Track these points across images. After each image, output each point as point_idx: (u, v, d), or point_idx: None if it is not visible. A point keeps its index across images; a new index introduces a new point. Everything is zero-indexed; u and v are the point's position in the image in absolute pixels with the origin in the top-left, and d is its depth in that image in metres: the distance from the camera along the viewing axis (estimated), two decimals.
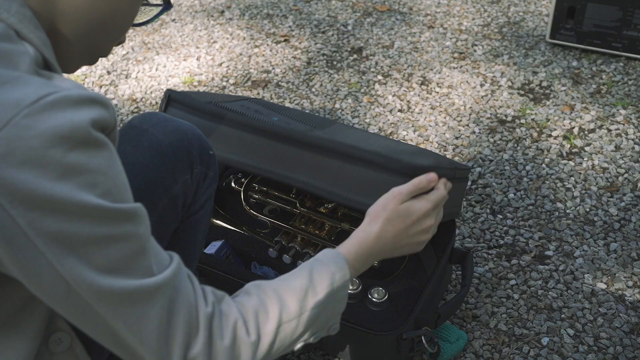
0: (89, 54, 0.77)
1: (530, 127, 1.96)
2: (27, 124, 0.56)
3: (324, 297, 0.80)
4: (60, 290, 0.62)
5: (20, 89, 0.58)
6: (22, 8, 0.65)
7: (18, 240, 0.59)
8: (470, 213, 1.66)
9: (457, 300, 1.26)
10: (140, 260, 0.66)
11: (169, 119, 1.00)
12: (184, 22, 2.75)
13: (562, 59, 2.29)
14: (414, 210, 0.91)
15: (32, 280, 0.62)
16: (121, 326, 0.66)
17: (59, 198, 0.58)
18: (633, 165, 1.78)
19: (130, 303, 0.65)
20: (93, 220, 0.61)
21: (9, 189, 0.56)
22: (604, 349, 1.31)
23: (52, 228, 0.59)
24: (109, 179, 0.62)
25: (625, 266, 1.49)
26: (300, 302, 0.78)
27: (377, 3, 2.78)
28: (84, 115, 0.59)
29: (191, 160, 0.99)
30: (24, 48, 0.63)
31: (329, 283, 0.81)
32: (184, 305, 0.70)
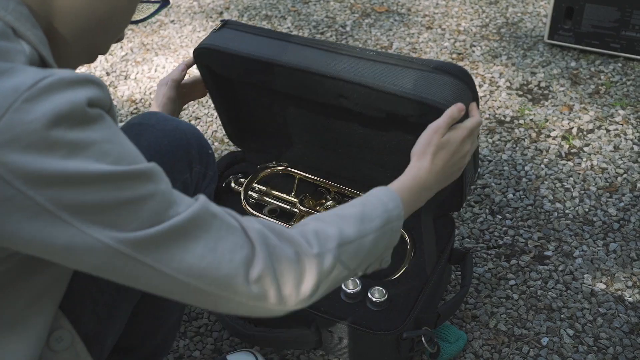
0: (88, 52, 0.77)
1: (528, 128, 1.96)
2: (27, 107, 0.57)
3: (380, 225, 0.82)
4: (98, 256, 0.63)
5: (17, 77, 0.58)
6: (19, 6, 0.65)
7: (42, 217, 0.59)
8: (470, 213, 1.66)
9: (456, 300, 1.26)
10: (170, 211, 0.66)
11: (168, 119, 1.00)
12: (182, 24, 2.75)
13: (561, 59, 2.29)
14: (454, 139, 0.97)
15: (69, 255, 0.62)
16: (174, 270, 0.65)
17: (73, 173, 0.59)
18: (632, 166, 1.79)
19: (171, 242, 0.65)
20: (113, 186, 0.61)
21: (21, 172, 0.57)
22: (604, 349, 1.31)
23: (74, 201, 0.60)
24: (116, 146, 0.63)
25: (624, 266, 1.49)
26: (357, 227, 0.79)
27: (375, 4, 2.79)
28: (80, 95, 0.60)
29: (190, 159, 0.99)
30: (20, 46, 0.64)
31: (383, 210, 0.83)
32: (228, 229, 0.70)
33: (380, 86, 1.17)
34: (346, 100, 1.26)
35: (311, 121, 1.48)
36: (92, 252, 0.62)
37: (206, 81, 1.45)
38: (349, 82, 1.20)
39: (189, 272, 0.66)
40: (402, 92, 1.15)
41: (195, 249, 0.66)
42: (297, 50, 1.29)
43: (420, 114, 1.16)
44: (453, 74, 1.16)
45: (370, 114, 1.25)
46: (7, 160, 0.56)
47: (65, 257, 0.63)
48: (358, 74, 1.20)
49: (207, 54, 1.36)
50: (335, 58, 1.25)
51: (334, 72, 1.22)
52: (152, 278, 0.65)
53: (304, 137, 1.54)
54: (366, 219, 0.81)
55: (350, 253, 0.78)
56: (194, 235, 0.67)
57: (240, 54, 1.31)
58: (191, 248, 0.66)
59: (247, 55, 1.30)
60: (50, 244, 0.61)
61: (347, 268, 0.78)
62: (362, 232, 0.79)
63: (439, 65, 1.18)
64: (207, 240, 0.67)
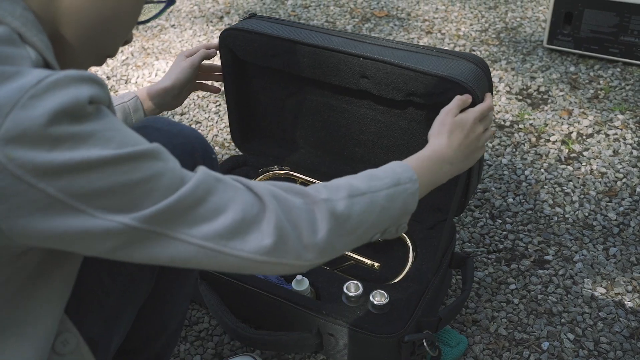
0: (95, 55, 0.77)
1: (528, 132, 1.97)
2: (33, 103, 0.58)
3: (390, 183, 0.84)
4: (116, 238, 0.63)
5: (23, 78, 0.59)
6: (25, 11, 0.66)
7: (55, 208, 0.60)
8: (470, 218, 1.67)
9: (457, 304, 1.26)
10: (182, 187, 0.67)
11: (172, 123, 1.00)
12: (183, 28, 2.76)
13: (560, 64, 2.30)
14: (466, 119, 1.03)
15: (87, 241, 0.63)
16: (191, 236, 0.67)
17: (80, 161, 0.60)
18: (631, 170, 1.79)
19: (184, 210, 0.66)
20: (122, 169, 0.62)
21: (30, 166, 0.58)
22: (604, 353, 1.31)
23: (84, 188, 0.61)
24: (118, 132, 0.64)
25: (624, 271, 1.50)
26: (367, 182, 0.82)
27: (375, 9, 2.80)
28: (83, 92, 0.61)
29: (194, 163, 1.00)
30: (26, 52, 0.64)
31: (392, 172, 0.86)
32: (235, 190, 0.71)
33: (403, 64, 1.25)
34: (367, 81, 1.31)
35: (322, 117, 1.49)
36: (109, 234, 0.63)
37: (225, 69, 1.49)
38: (373, 60, 1.27)
39: (206, 236, 0.67)
40: (423, 70, 1.23)
41: (207, 212, 0.68)
42: (322, 35, 1.37)
43: (441, 90, 1.21)
44: (471, 60, 1.24)
45: (389, 95, 1.30)
46: (15, 155, 0.57)
47: (84, 244, 0.63)
48: (382, 55, 1.27)
49: (233, 35, 1.42)
50: (360, 43, 1.33)
51: (359, 52, 1.29)
52: (171, 248, 0.66)
53: (311, 138, 1.55)
54: (375, 177, 0.84)
55: (363, 205, 0.79)
56: (204, 200, 0.68)
57: (267, 34, 1.38)
58: (203, 213, 0.67)
59: (274, 35, 1.38)
60: (66, 234, 0.61)
61: (362, 221, 0.79)
62: (372, 187, 0.81)
63: (458, 53, 1.27)
64: (217, 203, 0.69)
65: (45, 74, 0.60)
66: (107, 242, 0.63)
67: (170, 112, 2.20)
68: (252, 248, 0.70)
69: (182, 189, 0.66)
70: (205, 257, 0.68)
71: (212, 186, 0.70)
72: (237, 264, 0.70)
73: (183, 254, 0.67)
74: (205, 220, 0.67)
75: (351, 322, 1.18)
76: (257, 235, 0.70)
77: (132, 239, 0.64)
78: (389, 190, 0.83)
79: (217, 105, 2.20)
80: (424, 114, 1.34)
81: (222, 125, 2.10)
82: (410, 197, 0.86)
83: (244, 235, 0.70)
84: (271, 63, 1.42)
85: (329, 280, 1.29)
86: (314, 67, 1.36)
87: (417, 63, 1.25)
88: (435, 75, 1.22)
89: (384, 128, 1.42)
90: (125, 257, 0.66)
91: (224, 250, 0.69)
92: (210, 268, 0.71)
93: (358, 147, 1.49)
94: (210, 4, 2.95)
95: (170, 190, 0.65)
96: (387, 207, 0.82)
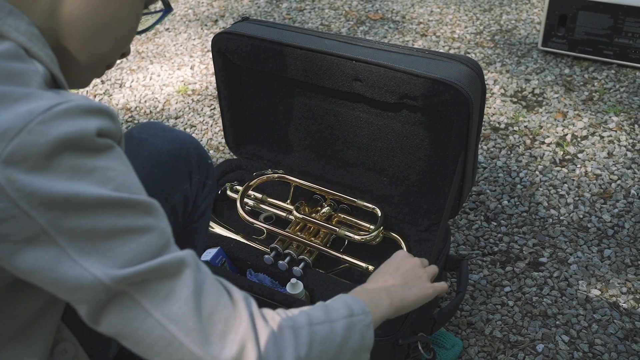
0: (97, 65, 0.77)
1: (523, 134, 1.97)
2: (40, 130, 0.58)
3: (346, 314, 0.77)
4: (85, 290, 0.61)
5: (34, 102, 0.59)
6: (29, 27, 0.66)
7: (40, 239, 0.59)
8: (465, 220, 1.67)
9: (452, 307, 1.26)
10: (165, 251, 0.64)
11: (167, 129, 1.00)
12: (177, 32, 2.76)
13: (555, 66, 2.30)
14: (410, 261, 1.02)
15: (56, 282, 0.61)
16: (153, 308, 0.62)
17: (74, 195, 0.59)
18: (625, 172, 1.79)
19: (159, 280, 0.62)
20: (111, 212, 0.61)
21: (26, 192, 0.57)
22: (599, 355, 1.31)
23: (71, 225, 0.59)
24: (119, 174, 0.63)
25: (619, 272, 1.50)
26: (323, 311, 0.75)
27: (370, 12, 2.80)
28: (92, 124, 0.61)
29: (190, 169, 1.00)
30: (34, 67, 0.64)
31: (344, 303, 0.79)
32: (214, 284, 0.67)
33: (396, 67, 1.25)
34: (360, 84, 1.31)
35: (315, 121, 1.49)
36: (79, 283, 0.60)
37: (218, 73, 1.49)
38: (366, 63, 1.28)
39: (170, 314, 0.63)
40: (417, 73, 1.23)
41: (182, 291, 0.63)
42: (315, 38, 1.37)
43: (434, 92, 1.22)
44: (465, 63, 1.24)
45: (382, 98, 1.30)
46: (15, 179, 0.57)
47: (52, 285, 0.61)
48: (375, 57, 1.28)
49: (226, 39, 1.42)
50: (353, 46, 1.33)
51: (352, 54, 1.29)
52: (130, 314, 0.62)
53: (304, 141, 1.55)
54: (330, 308, 0.77)
55: (324, 335, 0.72)
56: (183, 278, 0.64)
57: (259, 37, 1.38)
58: (179, 289, 0.63)
59: (266, 38, 1.37)
60: (39, 270, 0.60)
61: (324, 351, 0.72)
62: (329, 317, 0.75)
63: (451, 55, 1.27)
64: (194, 287, 0.64)
65: (56, 101, 0.59)
66: (75, 293, 0.61)
67: (164, 116, 2.20)
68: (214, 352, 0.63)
69: (167, 255, 0.63)
70: (159, 338, 0.63)
71: (197, 268, 0.66)
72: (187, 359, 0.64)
73: (139, 324, 0.63)
74: (176, 301, 0.63)
75: None
76: (218, 338, 0.64)
77: (100, 297, 0.61)
78: (345, 321, 0.76)
79: (212, 109, 2.20)
80: (417, 116, 1.34)
81: (216, 129, 2.10)
82: (366, 330, 0.79)
83: (210, 336, 0.64)
84: (264, 66, 1.41)
85: (323, 284, 1.29)
86: (307, 70, 1.36)
87: (410, 65, 1.25)
88: (429, 78, 1.22)
89: (378, 131, 1.42)
90: (84, 312, 0.63)
91: (181, 339, 0.63)
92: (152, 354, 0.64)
93: (352, 150, 1.49)
94: (204, 8, 2.95)
95: (152, 251, 0.62)
96: (347, 337, 0.75)
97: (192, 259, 0.66)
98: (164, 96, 2.30)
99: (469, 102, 1.20)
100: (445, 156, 1.36)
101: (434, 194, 1.43)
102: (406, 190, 1.46)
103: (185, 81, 2.38)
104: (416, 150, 1.40)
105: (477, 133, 1.32)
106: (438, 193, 1.42)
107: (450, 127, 1.28)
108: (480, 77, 1.26)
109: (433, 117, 1.33)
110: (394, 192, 1.46)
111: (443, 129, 1.33)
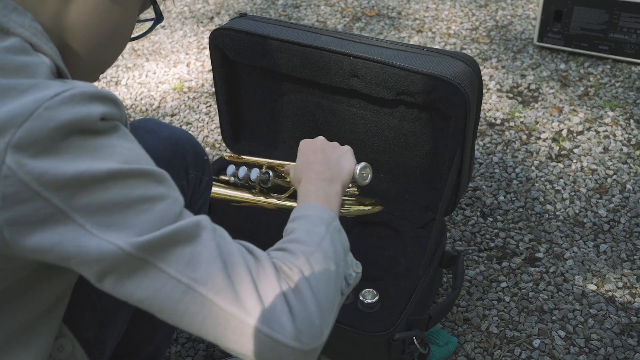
0: (97, 69, 0.79)
1: (519, 130, 1.97)
2: (48, 115, 0.59)
3: (325, 231, 0.77)
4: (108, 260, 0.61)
5: (41, 91, 0.61)
6: (34, 22, 0.68)
7: (55, 218, 0.60)
8: (461, 216, 1.67)
9: (448, 303, 1.26)
10: (180, 217, 0.65)
11: (163, 125, 1.00)
12: (173, 29, 2.75)
13: (550, 61, 2.31)
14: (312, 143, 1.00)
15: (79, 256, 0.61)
16: (180, 272, 0.63)
17: (83, 172, 0.60)
18: (621, 167, 1.80)
19: (180, 244, 0.63)
20: (122, 184, 0.62)
21: (35, 175, 0.59)
22: (595, 350, 1.32)
23: (86, 201, 0.61)
24: (126, 150, 0.64)
25: (615, 267, 1.50)
26: (313, 240, 0.75)
27: (366, 8, 2.79)
28: (97, 109, 0.62)
29: (186, 165, 1.00)
30: (40, 59, 0.66)
31: (320, 220, 0.79)
32: (232, 243, 0.68)
33: (393, 63, 1.25)
34: (358, 80, 1.31)
35: (312, 117, 1.49)
36: (101, 255, 0.61)
37: (216, 69, 1.49)
38: (363, 59, 1.28)
39: (197, 277, 0.63)
40: (414, 69, 1.23)
41: (204, 253, 0.64)
42: (312, 35, 1.37)
43: (431, 88, 1.22)
44: (461, 59, 1.25)
45: (380, 94, 1.30)
46: (25, 162, 0.58)
47: (77, 262, 0.62)
48: (372, 54, 1.28)
49: (223, 35, 1.42)
50: (350, 43, 1.33)
51: (350, 51, 1.29)
52: (159, 282, 0.63)
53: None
54: (313, 233, 0.77)
55: (320, 260, 0.74)
56: (203, 239, 0.65)
57: (257, 33, 1.38)
58: (201, 251, 0.64)
59: (263, 34, 1.38)
60: (61, 247, 0.61)
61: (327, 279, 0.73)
62: (319, 244, 0.75)
63: (448, 52, 1.28)
64: (214, 248, 0.65)
65: (63, 88, 0.61)
66: (99, 265, 0.62)
67: (160, 113, 2.19)
68: (246, 305, 0.64)
69: (183, 221, 0.64)
70: (190, 302, 0.63)
71: (213, 230, 0.67)
72: (222, 320, 0.64)
73: (169, 292, 0.63)
74: (200, 263, 0.63)
75: (341, 320, 1.18)
76: (251, 292, 0.64)
77: (122, 265, 0.62)
78: (328, 236, 0.77)
79: (208, 106, 2.20)
80: (414, 112, 1.34)
81: (212, 126, 2.09)
82: (340, 234, 0.80)
83: (240, 292, 0.64)
84: (261, 62, 1.41)
85: None
86: (304, 66, 1.36)
87: (407, 62, 1.25)
88: (426, 74, 1.22)
89: (375, 127, 1.42)
90: (110, 284, 0.63)
91: (214, 300, 0.63)
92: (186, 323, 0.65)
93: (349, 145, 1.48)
94: (200, 5, 2.94)
95: (168, 217, 0.63)
96: (335, 250, 0.77)
97: (207, 222, 0.67)
98: (160, 94, 2.30)
99: (466, 98, 1.20)
100: (441, 153, 1.36)
101: (430, 191, 1.43)
102: (402, 186, 1.46)
103: (181, 78, 2.38)
104: (413, 147, 1.40)
105: (474, 129, 1.32)
106: (434, 190, 1.42)
107: (447, 124, 1.29)
108: (477, 73, 1.26)
109: (430, 114, 1.33)
110: (391, 188, 1.46)
111: (440, 125, 1.33)
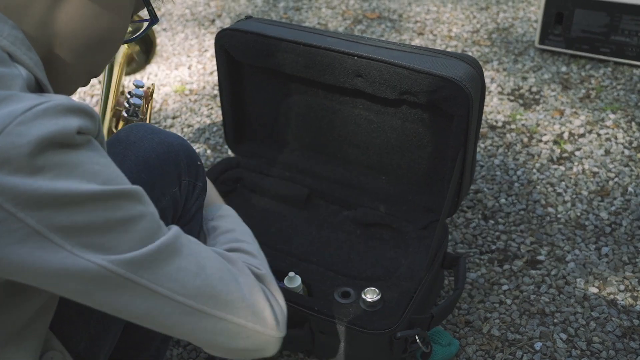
0: (86, 75, 0.77)
1: (520, 133, 1.97)
2: (20, 131, 0.57)
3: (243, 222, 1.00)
4: (91, 280, 0.62)
5: (14, 104, 0.59)
6: (14, 30, 0.66)
7: (33, 239, 0.58)
8: (462, 219, 1.67)
9: (450, 303, 1.26)
10: (159, 233, 0.67)
11: (155, 131, 0.98)
12: (175, 31, 2.75)
13: (551, 64, 2.31)
14: None
15: (60, 280, 0.61)
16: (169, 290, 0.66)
17: (63, 193, 0.58)
18: (623, 170, 1.80)
19: (164, 260, 0.66)
20: (104, 206, 0.61)
21: (11, 194, 0.56)
22: (597, 353, 1.31)
23: (65, 222, 0.59)
24: (104, 167, 0.63)
25: (616, 270, 1.50)
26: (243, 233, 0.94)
27: (367, 11, 2.80)
28: (72, 122, 0.60)
29: (179, 172, 0.98)
30: (17, 71, 0.64)
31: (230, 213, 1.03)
32: (208, 251, 0.73)
33: (397, 63, 1.26)
34: (362, 80, 1.32)
35: (316, 118, 1.50)
36: (85, 275, 0.61)
37: (220, 70, 1.50)
38: (368, 59, 1.29)
39: (184, 290, 0.66)
40: (418, 69, 1.24)
41: (188, 266, 0.67)
42: (317, 36, 1.38)
43: (434, 88, 1.23)
44: (465, 61, 1.27)
45: (383, 94, 1.31)
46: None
47: (56, 282, 0.61)
48: (376, 54, 1.29)
49: (229, 36, 1.43)
50: (354, 44, 1.34)
51: (354, 51, 1.31)
52: (146, 301, 0.65)
53: (304, 139, 1.55)
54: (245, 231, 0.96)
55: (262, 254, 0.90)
56: (185, 254, 0.67)
57: (262, 34, 1.39)
58: (184, 266, 0.66)
59: (268, 35, 1.39)
60: (40, 268, 0.60)
61: None
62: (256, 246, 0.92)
63: (452, 54, 1.30)
64: (196, 259, 0.68)
65: (37, 102, 0.59)
66: (81, 283, 0.62)
67: (161, 115, 2.19)
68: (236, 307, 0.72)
69: (166, 236, 0.66)
70: (182, 315, 0.67)
71: (190, 243, 0.70)
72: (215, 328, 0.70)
73: (159, 308, 0.66)
74: (187, 275, 0.67)
75: (343, 319, 1.18)
76: (237, 294, 0.72)
77: (107, 283, 0.62)
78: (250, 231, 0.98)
79: (210, 108, 2.20)
80: (417, 113, 1.34)
81: (214, 128, 2.09)
82: None
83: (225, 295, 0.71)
84: (266, 63, 1.42)
85: (321, 278, 1.29)
86: (309, 66, 1.36)
87: (411, 62, 1.26)
88: (430, 74, 1.22)
89: (377, 128, 1.42)
90: (96, 302, 0.64)
91: (206, 311, 0.68)
92: (182, 332, 0.69)
93: (352, 148, 1.49)
94: (202, 7, 2.95)
95: (148, 235, 0.65)
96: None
97: (181, 232, 0.70)
98: (162, 96, 2.30)
99: (469, 98, 1.20)
100: (444, 154, 1.36)
101: (432, 192, 1.43)
102: (405, 188, 1.46)
103: (183, 81, 2.38)
104: (415, 148, 1.40)
105: (477, 131, 1.32)
106: (436, 191, 1.42)
107: (450, 125, 1.29)
108: (480, 75, 1.27)
109: (433, 114, 1.33)
110: (393, 190, 1.46)
111: (442, 126, 1.33)
